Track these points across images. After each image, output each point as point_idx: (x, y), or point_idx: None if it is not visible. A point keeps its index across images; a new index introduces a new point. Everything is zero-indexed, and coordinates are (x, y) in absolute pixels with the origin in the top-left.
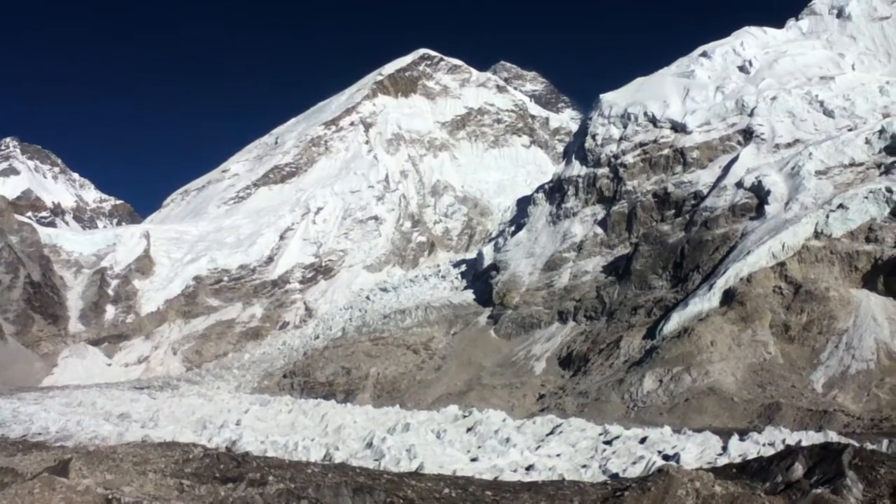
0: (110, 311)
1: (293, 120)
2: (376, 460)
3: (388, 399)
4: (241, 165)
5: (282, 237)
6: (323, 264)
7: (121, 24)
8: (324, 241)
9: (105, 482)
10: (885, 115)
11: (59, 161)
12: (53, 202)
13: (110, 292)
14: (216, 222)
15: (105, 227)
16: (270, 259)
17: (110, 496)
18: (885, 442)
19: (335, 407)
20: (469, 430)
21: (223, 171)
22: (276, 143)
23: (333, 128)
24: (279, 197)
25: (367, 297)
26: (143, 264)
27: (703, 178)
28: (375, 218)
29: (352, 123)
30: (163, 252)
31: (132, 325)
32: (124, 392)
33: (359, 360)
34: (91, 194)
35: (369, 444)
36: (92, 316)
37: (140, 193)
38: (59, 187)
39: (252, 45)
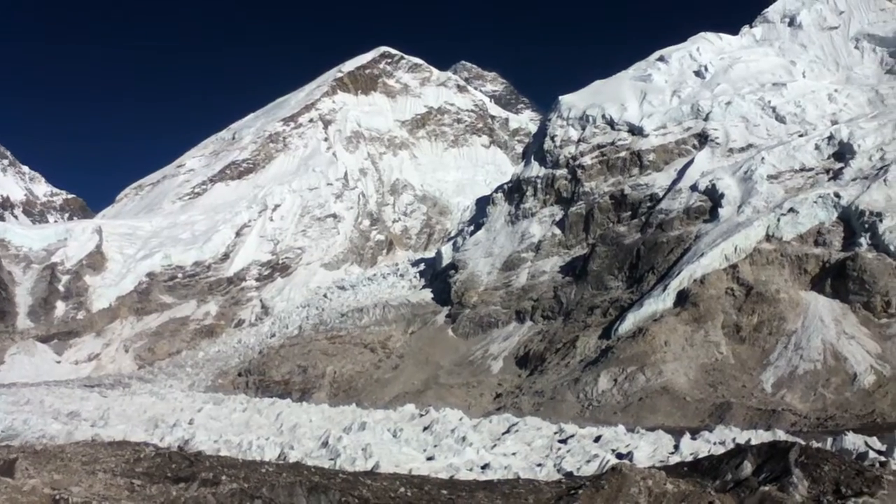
0: (60, 308)
1: (251, 115)
2: (332, 459)
3: (344, 398)
4: (196, 161)
5: (238, 234)
6: (280, 262)
7: (71, 14)
8: (281, 238)
9: (52, 482)
10: (834, 122)
11: (9, 153)
12: (2, 196)
13: (60, 288)
14: (171, 218)
15: (56, 221)
16: (226, 256)
17: (58, 496)
18: (830, 440)
19: (290, 406)
20: (425, 428)
21: (178, 167)
22: (234, 138)
23: (292, 124)
24: (236, 193)
25: (325, 296)
26: (95, 260)
27: (658, 180)
28: (334, 216)
29: (311, 120)
30: (115, 248)
31: (83, 322)
32: (74, 390)
33: (315, 359)
34: (41, 188)
35: (325, 444)
36: (41, 312)
37: (92, 188)
38: (8, 180)
39: (209, 40)
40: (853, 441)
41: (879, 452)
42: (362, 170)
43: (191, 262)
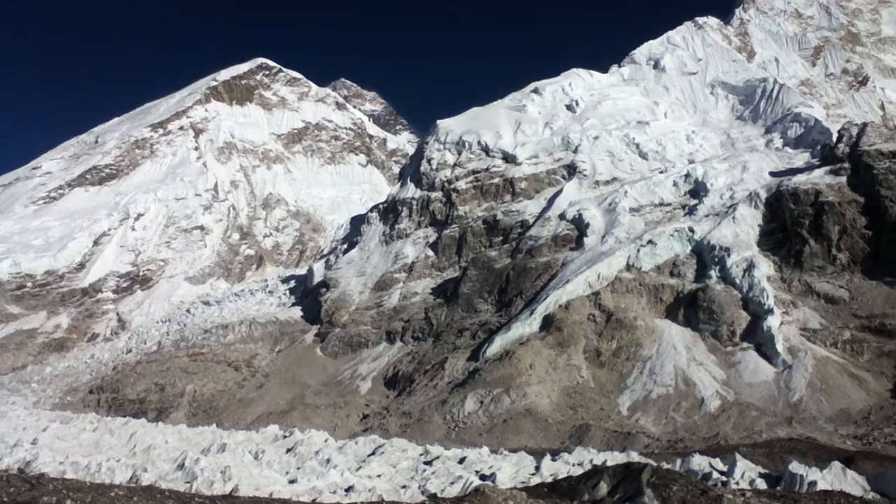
0: None
1: (116, 119)
2: (188, 482)
3: (204, 418)
4: (54, 163)
5: (96, 243)
6: (140, 273)
7: None
8: (143, 249)
9: None
10: (691, 161)
11: None
12: None
13: None
14: (22, 223)
15: None
16: (82, 265)
17: None
18: (679, 461)
19: (145, 426)
20: (289, 450)
21: (34, 168)
22: (96, 142)
23: (161, 131)
24: (96, 199)
25: (188, 311)
26: None
27: (529, 208)
28: (201, 228)
29: (181, 128)
30: None
31: None
32: None
33: (174, 377)
34: None
35: (181, 466)
36: None
37: None
38: None
39: (75, 35)
40: (699, 462)
41: (722, 473)
42: (234, 182)
43: (42, 271)
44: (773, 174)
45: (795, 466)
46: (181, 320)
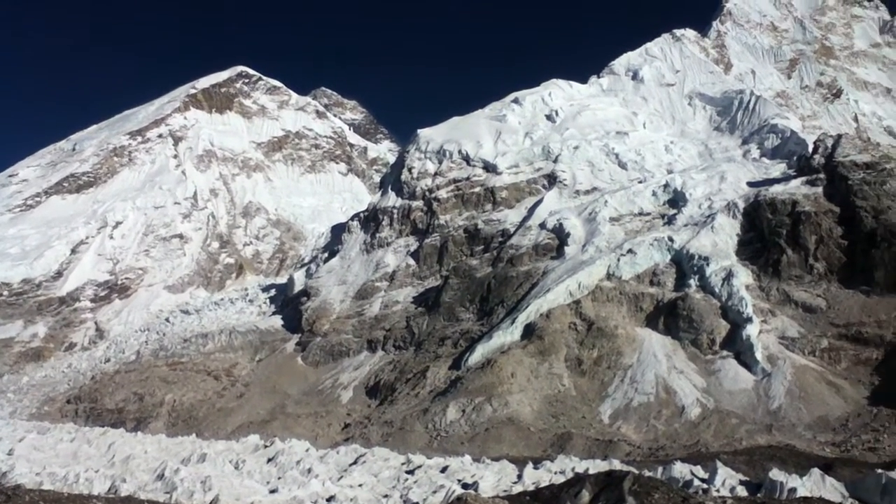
0: None
1: (94, 127)
2: (167, 493)
3: (184, 428)
4: (31, 171)
5: (74, 251)
6: (119, 282)
7: None
8: (121, 257)
9: None
10: (669, 171)
11: None
12: None
13: None
14: None
15: None
16: (59, 274)
17: None
18: (660, 469)
19: (124, 436)
20: (270, 460)
21: (10, 176)
22: (74, 149)
23: (139, 138)
24: (73, 207)
25: (167, 320)
26: None
27: (510, 217)
28: (180, 236)
29: (160, 135)
30: None
31: None
32: None
33: (153, 386)
34: None
35: (160, 476)
36: None
37: None
38: None
39: (53, 41)
40: (680, 470)
41: (703, 480)
42: (213, 190)
43: (19, 279)
44: (750, 184)
45: (775, 473)
46: (160, 329)
